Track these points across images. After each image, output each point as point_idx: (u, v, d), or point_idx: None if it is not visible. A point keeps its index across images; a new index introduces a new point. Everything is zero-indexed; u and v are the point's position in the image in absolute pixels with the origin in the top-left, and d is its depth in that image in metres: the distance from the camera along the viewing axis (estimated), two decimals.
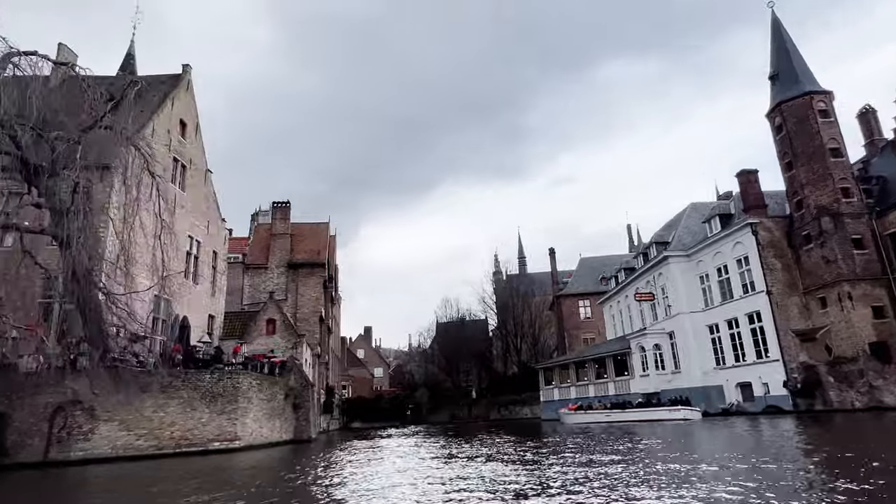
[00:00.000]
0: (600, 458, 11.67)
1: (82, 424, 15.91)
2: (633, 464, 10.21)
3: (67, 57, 27.33)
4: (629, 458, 11.23)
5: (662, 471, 8.87)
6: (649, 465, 9.94)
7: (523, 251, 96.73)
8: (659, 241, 35.75)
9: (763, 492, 6.38)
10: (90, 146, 19.21)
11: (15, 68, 17.24)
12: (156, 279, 23.71)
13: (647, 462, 10.45)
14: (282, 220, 37.68)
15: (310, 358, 33.33)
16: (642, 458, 11.24)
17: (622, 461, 10.69)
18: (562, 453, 13.28)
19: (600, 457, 11.88)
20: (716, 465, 9.38)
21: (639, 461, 10.70)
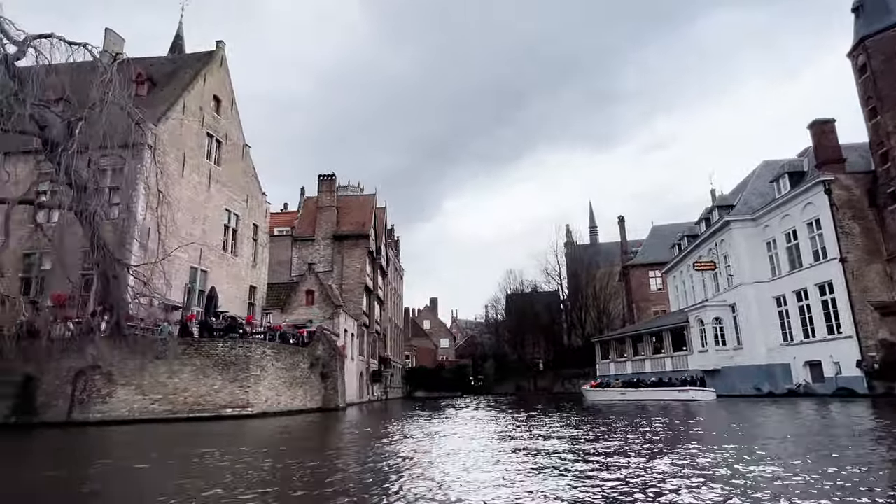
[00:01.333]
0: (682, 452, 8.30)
1: (101, 388, 16.85)
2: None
3: (114, 42, 28.67)
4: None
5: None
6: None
7: (594, 220, 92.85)
8: (722, 205, 32.41)
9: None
10: (115, 125, 19.79)
11: (37, 52, 18.03)
12: (191, 251, 24.79)
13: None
14: (327, 192, 38.11)
15: (353, 328, 33.80)
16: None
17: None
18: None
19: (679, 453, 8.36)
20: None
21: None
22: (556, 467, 7.04)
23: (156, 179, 20.36)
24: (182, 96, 24.88)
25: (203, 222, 25.56)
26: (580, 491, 5.29)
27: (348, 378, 31.77)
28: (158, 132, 23.06)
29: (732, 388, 28.63)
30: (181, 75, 26.55)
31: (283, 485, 6.20)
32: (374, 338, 40.09)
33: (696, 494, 4.98)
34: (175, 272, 23.48)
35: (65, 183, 17.78)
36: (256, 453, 9.58)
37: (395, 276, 57.88)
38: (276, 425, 16.15)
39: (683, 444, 9.28)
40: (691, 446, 8.94)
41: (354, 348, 34.04)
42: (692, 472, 6.21)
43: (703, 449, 8.51)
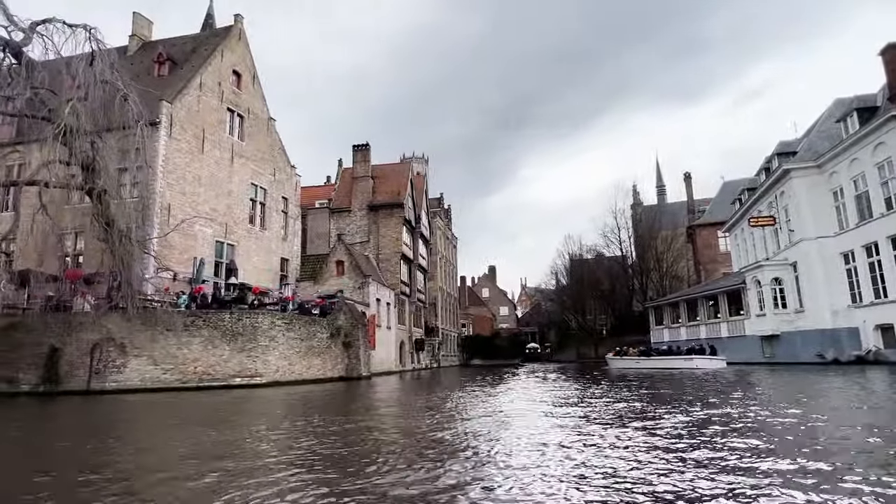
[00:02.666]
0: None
1: (116, 359, 17.63)
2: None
3: (142, 25, 29.50)
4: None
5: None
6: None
7: (662, 179, 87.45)
8: (783, 152, 28.87)
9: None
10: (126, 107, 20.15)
11: (44, 38, 18.55)
12: (216, 226, 25.37)
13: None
14: (362, 162, 37.87)
15: (389, 297, 33.75)
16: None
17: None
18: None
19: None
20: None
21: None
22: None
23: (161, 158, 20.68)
24: (199, 73, 25.13)
25: (227, 197, 26.04)
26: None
27: (384, 347, 31.92)
28: (174, 110, 23.52)
29: (793, 356, 25.95)
30: (201, 52, 26.81)
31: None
32: (416, 306, 39.98)
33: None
34: (199, 246, 24.28)
35: (73, 163, 18.46)
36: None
37: (445, 245, 57.41)
38: (274, 395, 16.22)
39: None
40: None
41: (391, 317, 34.06)
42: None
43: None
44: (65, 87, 17.83)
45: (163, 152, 22.66)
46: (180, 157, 23.51)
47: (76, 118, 17.99)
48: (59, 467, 5.55)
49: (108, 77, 18.25)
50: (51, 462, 5.93)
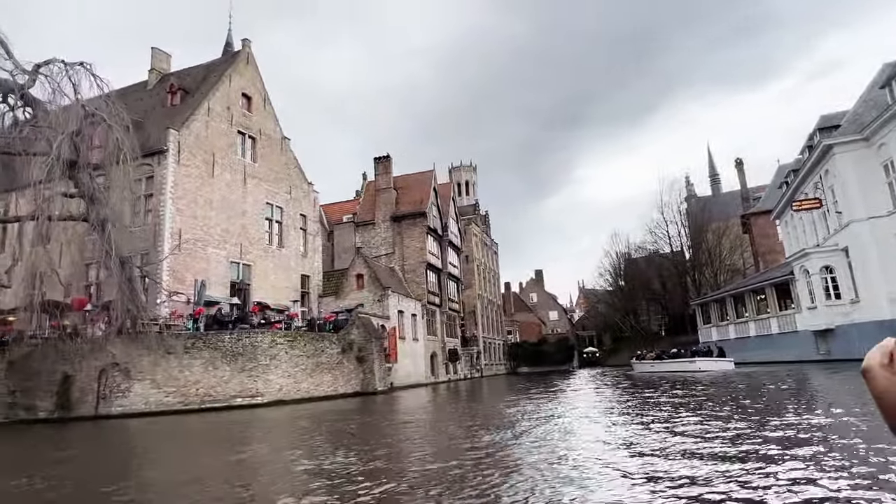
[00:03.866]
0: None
1: (120, 383, 17.97)
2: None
3: (160, 59, 30.65)
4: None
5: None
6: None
7: (715, 169, 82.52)
8: (825, 126, 26.19)
9: None
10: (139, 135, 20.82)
11: (46, 78, 19.42)
12: (230, 247, 25.74)
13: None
14: (384, 174, 37.74)
15: (414, 308, 33.24)
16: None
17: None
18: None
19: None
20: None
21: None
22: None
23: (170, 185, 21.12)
24: (206, 99, 25.70)
25: (241, 217, 26.40)
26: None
27: (410, 359, 31.39)
28: (182, 137, 24.11)
29: (849, 352, 23.25)
30: (210, 79, 27.47)
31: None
32: (448, 316, 39.27)
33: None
34: (212, 268, 24.68)
35: (78, 196, 19.13)
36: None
37: (483, 252, 56.51)
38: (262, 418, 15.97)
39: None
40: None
41: (419, 328, 33.52)
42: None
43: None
44: (63, 122, 18.50)
45: (171, 178, 23.20)
46: (190, 182, 24.01)
47: (75, 152, 18.69)
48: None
49: (104, 111, 18.80)
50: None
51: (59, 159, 18.14)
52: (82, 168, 18.44)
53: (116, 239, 19.32)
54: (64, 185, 19.04)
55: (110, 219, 19.13)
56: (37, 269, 19.02)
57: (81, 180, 18.86)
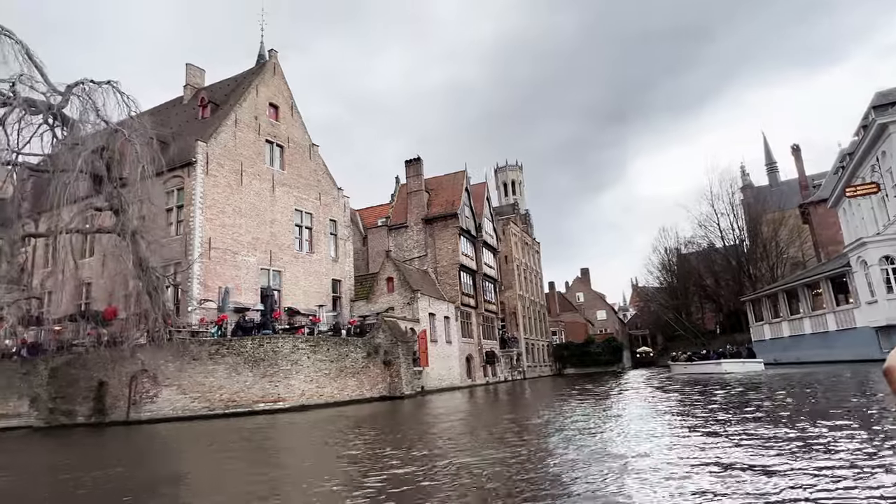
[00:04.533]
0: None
1: (149, 389, 18.54)
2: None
3: (194, 74, 31.69)
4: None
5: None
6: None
7: (771, 156, 77.87)
8: (880, 104, 23.99)
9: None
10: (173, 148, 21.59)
11: (78, 98, 20.31)
12: (260, 254, 26.23)
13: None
14: (414, 176, 37.63)
15: (447, 311, 32.90)
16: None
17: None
18: None
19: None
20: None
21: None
22: None
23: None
24: (233, 110, 26.33)
25: (271, 225, 26.87)
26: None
27: (443, 362, 31.07)
28: (209, 148, 24.76)
29: None
30: (239, 91, 28.17)
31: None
32: (485, 318, 38.70)
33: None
34: (243, 275, 25.20)
35: (107, 209, 19.90)
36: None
37: (524, 252, 55.55)
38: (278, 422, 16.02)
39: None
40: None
41: (452, 331, 33.15)
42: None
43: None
44: (90, 139, 19.30)
45: (200, 189, 23.84)
46: (218, 192, 24.61)
47: (103, 167, 19.46)
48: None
49: (127, 126, 19.48)
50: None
51: (86, 174, 19.06)
52: (108, 182, 19.12)
53: (144, 249, 20.03)
54: (98, 199, 19.88)
55: (137, 230, 19.83)
56: (77, 280, 20.10)
57: (110, 194, 19.60)
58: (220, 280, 23.83)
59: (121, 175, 19.78)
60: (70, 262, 18.81)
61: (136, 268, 19.45)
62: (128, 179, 19.85)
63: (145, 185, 20.16)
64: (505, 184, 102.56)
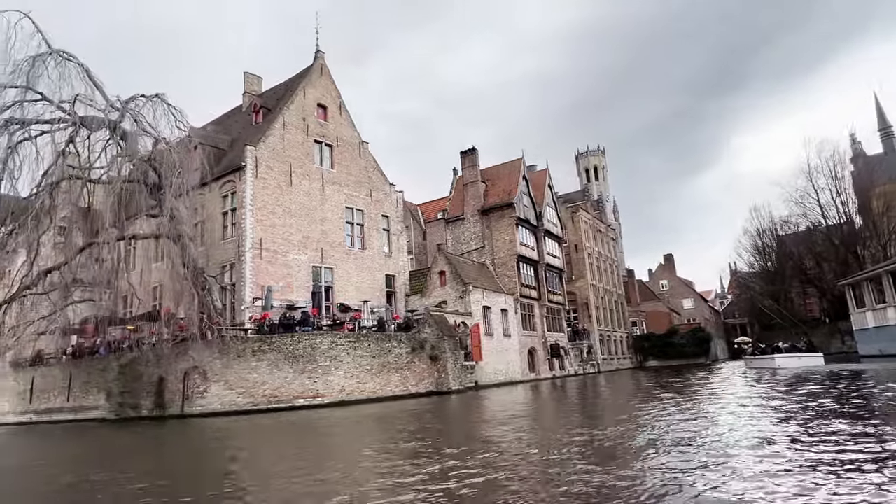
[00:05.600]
0: None
1: (199, 385, 19.46)
2: None
3: (252, 82, 33.10)
4: None
5: None
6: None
7: (885, 119, 68.73)
8: None
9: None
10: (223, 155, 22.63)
11: (132, 113, 21.69)
12: (311, 252, 26.88)
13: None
14: (470, 167, 36.95)
15: (505, 303, 32.05)
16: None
17: None
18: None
19: None
20: None
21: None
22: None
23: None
24: (281, 114, 27.08)
25: (321, 223, 27.40)
26: None
27: (500, 356, 30.32)
28: (258, 152, 25.60)
29: None
30: (288, 96, 28.92)
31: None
32: (550, 309, 37.37)
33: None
34: (294, 273, 25.89)
35: (160, 215, 21.09)
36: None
37: (598, 240, 53.17)
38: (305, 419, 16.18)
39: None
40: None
41: (511, 324, 32.27)
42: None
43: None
44: (141, 150, 20.57)
45: (250, 192, 24.71)
46: (268, 194, 25.40)
47: (156, 176, 20.67)
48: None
49: (175, 136, 20.56)
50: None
51: (141, 184, 20.35)
52: (155, 190, 20.26)
53: (192, 252, 21.09)
54: (154, 207, 21.16)
55: (185, 234, 20.88)
56: (148, 283, 21.47)
57: (162, 201, 20.78)
58: (271, 279, 24.56)
59: (171, 183, 20.90)
60: (145, 266, 20.27)
61: (186, 270, 20.55)
62: (178, 187, 20.98)
63: (192, 192, 21.26)
64: (587, 169, 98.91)
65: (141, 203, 20.74)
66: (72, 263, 20.20)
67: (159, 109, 21.32)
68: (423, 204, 43.28)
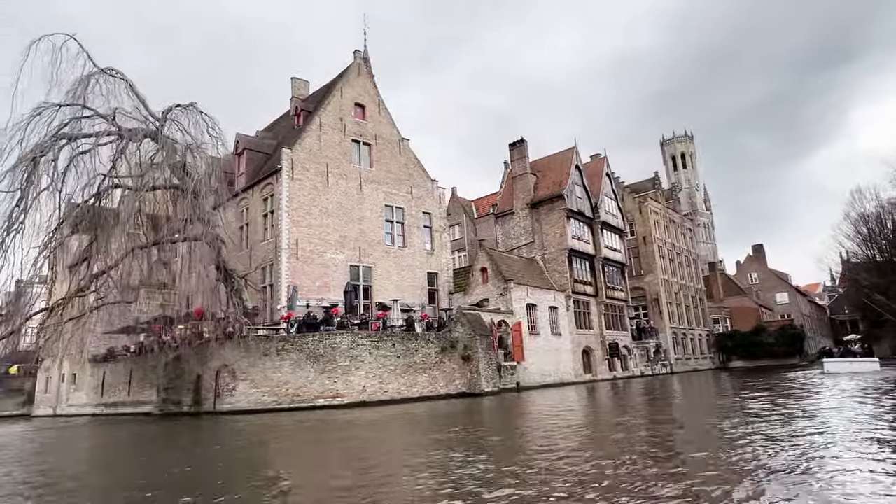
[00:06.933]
0: None
1: (229, 383, 20.00)
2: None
3: (299, 86, 33.84)
4: None
5: None
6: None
7: None
8: None
9: None
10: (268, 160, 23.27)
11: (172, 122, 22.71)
12: (348, 251, 26.98)
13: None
14: (519, 159, 35.52)
15: (555, 300, 30.51)
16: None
17: None
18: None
19: None
20: None
21: None
22: None
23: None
24: (317, 115, 27.39)
25: (359, 222, 27.43)
26: None
27: (548, 356, 28.98)
28: (294, 154, 26.01)
29: None
30: (326, 97, 29.23)
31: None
32: (606, 306, 35.21)
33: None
34: (331, 273, 26.05)
35: (195, 218, 21.91)
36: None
37: (670, 231, 49.64)
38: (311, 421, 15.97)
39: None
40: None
41: (561, 322, 30.66)
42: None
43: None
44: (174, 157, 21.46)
45: (286, 193, 25.16)
46: (304, 195, 25.74)
47: (192, 181, 21.47)
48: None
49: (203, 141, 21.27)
50: None
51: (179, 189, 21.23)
52: (187, 193, 21.01)
53: (224, 255, 21.76)
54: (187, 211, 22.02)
55: (219, 237, 21.56)
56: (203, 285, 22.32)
57: (197, 205, 21.57)
58: (308, 279, 24.90)
59: (205, 188, 21.65)
60: (199, 268, 21.20)
61: (218, 272, 21.24)
62: (210, 192, 21.71)
63: (225, 195, 21.93)
64: (673, 157, 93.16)
65: (179, 209, 21.67)
66: (121, 266, 21.47)
67: (192, 118, 22.19)
68: (478, 199, 42.40)
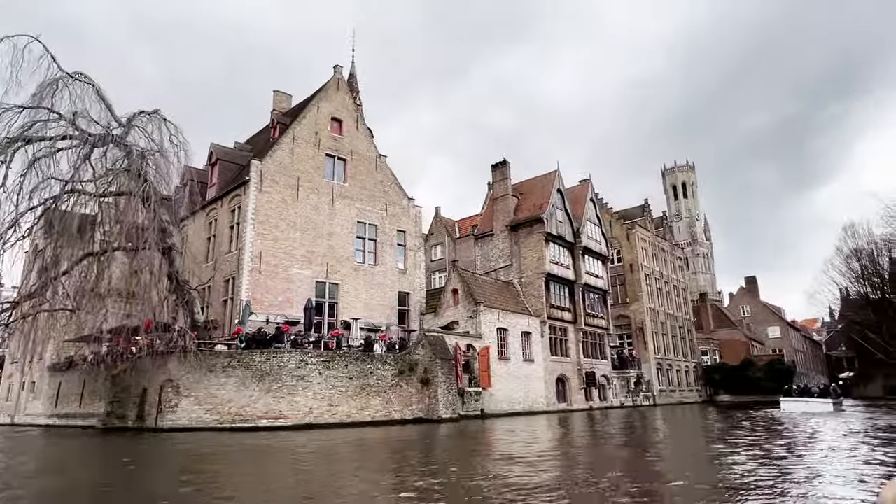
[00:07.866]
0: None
1: (172, 399, 19.18)
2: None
3: (281, 99, 33.62)
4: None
5: None
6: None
7: None
8: None
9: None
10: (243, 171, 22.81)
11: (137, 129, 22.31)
12: (315, 267, 26.35)
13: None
14: (501, 181, 35.07)
15: (527, 325, 29.69)
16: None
17: None
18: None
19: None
20: None
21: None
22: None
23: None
24: (291, 128, 27.02)
25: (328, 238, 26.85)
26: None
27: (518, 383, 28.09)
28: (263, 166, 25.55)
29: None
30: (303, 111, 28.92)
31: None
32: (585, 334, 34.36)
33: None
34: (296, 288, 25.37)
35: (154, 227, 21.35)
36: None
37: (657, 259, 49.00)
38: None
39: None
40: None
41: (534, 348, 29.81)
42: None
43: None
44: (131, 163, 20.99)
45: (252, 205, 24.63)
46: (272, 208, 25.22)
47: (150, 188, 20.96)
48: None
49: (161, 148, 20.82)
50: None
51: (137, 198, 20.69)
52: (139, 200, 20.47)
53: (178, 265, 21.13)
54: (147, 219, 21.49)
55: (173, 247, 20.97)
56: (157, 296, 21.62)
57: (151, 212, 21.03)
58: (270, 294, 24.29)
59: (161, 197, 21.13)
60: (146, 277, 20.50)
61: (170, 282, 20.60)
62: (175, 200, 21.22)
63: (180, 205, 21.37)
64: (674, 186, 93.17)
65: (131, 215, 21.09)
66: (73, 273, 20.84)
67: (156, 124, 21.79)
68: (461, 220, 41.90)
